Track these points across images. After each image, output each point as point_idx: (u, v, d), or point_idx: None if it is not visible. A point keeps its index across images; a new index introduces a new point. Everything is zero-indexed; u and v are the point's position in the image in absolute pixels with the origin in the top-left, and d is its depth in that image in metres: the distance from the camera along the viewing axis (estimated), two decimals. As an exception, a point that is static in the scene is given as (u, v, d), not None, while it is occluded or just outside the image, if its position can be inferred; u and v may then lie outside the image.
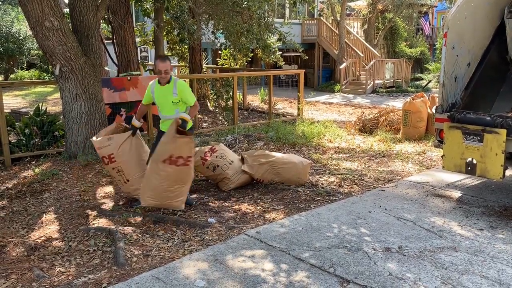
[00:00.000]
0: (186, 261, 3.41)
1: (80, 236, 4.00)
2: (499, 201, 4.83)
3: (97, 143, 4.63)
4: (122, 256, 3.51)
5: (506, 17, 5.48)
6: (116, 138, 4.61)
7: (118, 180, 4.77)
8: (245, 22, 9.89)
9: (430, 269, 3.27)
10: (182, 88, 4.50)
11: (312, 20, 21.65)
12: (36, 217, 4.50)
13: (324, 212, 4.44)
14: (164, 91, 4.50)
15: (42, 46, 6.11)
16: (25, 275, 3.30)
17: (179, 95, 4.47)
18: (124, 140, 4.62)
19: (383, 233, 3.93)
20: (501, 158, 4.23)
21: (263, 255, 3.50)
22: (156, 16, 10.03)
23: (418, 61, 24.63)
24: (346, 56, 19.82)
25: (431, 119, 8.04)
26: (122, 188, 4.91)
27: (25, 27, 21.37)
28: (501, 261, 3.42)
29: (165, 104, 4.53)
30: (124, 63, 10.34)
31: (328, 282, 3.08)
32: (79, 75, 6.29)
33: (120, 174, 4.67)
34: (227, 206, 4.71)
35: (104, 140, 4.61)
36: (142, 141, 4.85)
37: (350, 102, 15.44)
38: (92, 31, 6.53)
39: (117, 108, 7.46)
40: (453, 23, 4.82)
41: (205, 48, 16.07)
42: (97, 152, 4.77)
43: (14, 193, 5.15)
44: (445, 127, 4.62)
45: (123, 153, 4.61)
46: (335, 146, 7.71)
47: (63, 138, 6.99)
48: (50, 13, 5.85)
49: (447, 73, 4.89)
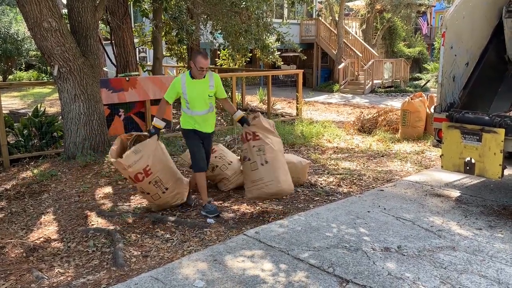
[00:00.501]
0: (185, 262, 3.40)
1: (79, 237, 3.99)
2: (497, 200, 4.84)
3: (124, 161, 4.10)
4: (121, 257, 3.51)
5: (504, 17, 5.49)
6: (145, 148, 4.19)
7: (153, 194, 4.36)
8: (243, 23, 9.90)
9: (429, 269, 3.27)
10: (218, 80, 4.41)
11: (310, 20, 21.66)
12: (35, 218, 4.50)
13: (323, 212, 4.44)
14: (200, 85, 4.31)
15: (41, 47, 6.11)
16: (24, 276, 3.30)
17: (216, 88, 4.37)
18: (155, 147, 4.30)
19: (382, 233, 3.94)
20: (500, 157, 4.24)
21: (262, 255, 3.50)
22: (155, 17, 10.03)
23: (417, 61, 24.67)
24: (345, 56, 19.83)
25: (430, 119, 8.04)
26: (156, 202, 4.47)
27: (24, 28, 21.33)
28: (500, 260, 3.42)
29: (200, 98, 4.32)
30: (123, 63, 10.34)
31: (327, 282, 3.09)
32: (78, 76, 6.29)
33: (158, 185, 4.32)
34: (226, 207, 4.70)
35: (131, 156, 4.12)
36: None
37: (348, 102, 15.45)
38: (91, 31, 6.53)
39: (115, 109, 7.46)
40: (451, 23, 4.83)
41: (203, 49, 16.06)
42: (124, 172, 4.25)
43: (13, 194, 5.14)
44: (443, 127, 4.63)
45: (158, 162, 4.30)
46: (334, 146, 7.71)
47: (62, 139, 6.98)
48: (48, 14, 5.84)
49: (445, 73, 4.89)
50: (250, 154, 4.38)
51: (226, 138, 7.73)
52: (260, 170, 4.33)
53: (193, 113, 4.38)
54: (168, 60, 16.35)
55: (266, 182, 4.31)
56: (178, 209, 4.62)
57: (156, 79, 8.05)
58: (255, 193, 4.40)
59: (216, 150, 5.30)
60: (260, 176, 4.31)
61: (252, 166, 4.38)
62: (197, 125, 4.42)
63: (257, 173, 4.33)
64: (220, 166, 5.15)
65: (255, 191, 4.38)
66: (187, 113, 4.42)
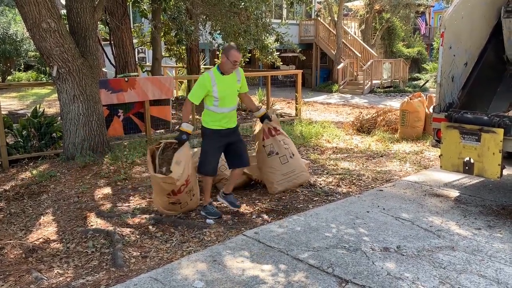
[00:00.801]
0: (185, 262, 3.40)
1: (78, 237, 3.99)
2: (496, 200, 4.84)
3: (175, 175, 3.99)
4: (121, 258, 3.51)
5: (503, 17, 5.50)
6: (184, 158, 4.10)
7: (183, 203, 4.30)
8: (242, 23, 9.90)
9: (428, 269, 3.27)
10: (242, 73, 4.33)
11: (309, 21, 21.68)
12: (34, 219, 4.49)
13: (322, 212, 4.44)
14: (229, 80, 4.21)
15: (39, 47, 6.10)
16: (23, 278, 3.29)
17: (242, 82, 4.30)
18: (190, 155, 4.25)
19: (381, 233, 3.94)
20: (499, 157, 4.24)
21: (261, 255, 3.50)
22: (154, 17, 10.04)
23: (416, 61, 24.69)
24: (344, 56, 19.85)
25: (429, 119, 8.05)
26: (182, 210, 4.39)
27: (22, 29, 21.32)
28: (499, 260, 3.42)
29: (231, 94, 4.24)
30: (122, 64, 10.35)
31: (326, 282, 3.09)
32: (77, 77, 6.28)
33: (190, 193, 4.29)
34: (225, 207, 4.70)
35: (176, 168, 4.02)
36: None
37: (348, 102, 15.46)
38: (90, 32, 6.52)
39: (114, 110, 7.45)
40: (450, 23, 4.83)
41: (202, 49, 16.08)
42: (168, 187, 4.08)
43: (12, 195, 5.14)
44: (442, 127, 4.63)
45: (193, 169, 4.27)
46: (333, 146, 7.72)
47: (61, 139, 6.98)
48: (47, 14, 5.84)
49: (444, 73, 4.90)
50: (278, 148, 4.53)
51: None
52: (290, 162, 4.57)
53: (222, 110, 4.23)
54: (167, 61, 16.35)
55: (297, 173, 4.63)
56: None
57: (155, 79, 8.04)
58: (285, 186, 4.61)
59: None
60: (292, 168, 4.58)
61: (282, 160, 4.56)
62: (224, 123, 4.27)
63: (288, 165, 4.55)
64: (219, 167, 5.14)
65: (286, 183, 4.59)
66: (215, 111, 4.23)
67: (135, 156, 6.61)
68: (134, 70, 10.47)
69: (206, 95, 4.19)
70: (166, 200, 4.27)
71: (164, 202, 4.30)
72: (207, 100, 4.25)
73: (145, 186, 5.36)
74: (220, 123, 4.28)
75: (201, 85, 4.16)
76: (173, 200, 4.26)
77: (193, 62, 12.84)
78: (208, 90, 4.15)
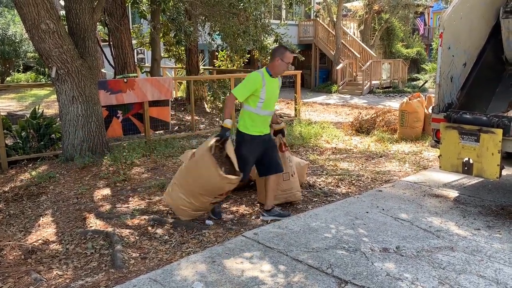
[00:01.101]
0: (184, 263, 3.40)
1: (77, 239, 3.99)
2: (496, 200, 4.85)
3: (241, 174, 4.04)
4: (120, 259, 3.51)
5: (502, 17, 5.51)
6: (233, 156, 4.05)
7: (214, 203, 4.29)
8: (241, 24, 9.90)
9: (428, 269, 3.27)
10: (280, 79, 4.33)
11: (308, 21, 21.69)
12: (33, 220, 4.49)
13: (321, 213, 4.44)
14: (275, 84, 4.17)
15: (38, 48, 6.10)
16: (22, 279, 3.29)
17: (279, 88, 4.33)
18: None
19: (380, 233, 3.94)
20: (498, 157, 4.24)
21: (261, 256, 3.49)
22: (153, 18, 10.03)
23: (415, 61, 24.71)
24: (343, 57, 19.85)
25: (428, 119, 8.06)
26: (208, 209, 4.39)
27: (21, 30, 21.32)
28: (498, 260, 3.43)
29: (273, 98, 4.18)
30: (121, 65, 10.35)
31: (326, 283, 3.09)
32: (76, 78, 6.28)
33: None
34: (224, 208, 4.70)
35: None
36: None
37: (347, 102, 15.46)
38: (89, 33, 6.52)
39: (113, 110, 7.45)
40: (449, 24, 4.84)
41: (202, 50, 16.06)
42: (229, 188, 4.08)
43: (11, 196, 5.13)
44: (441, 127, 4.64)
45: None
46: (332, 147, 7.72)
47: (60, 140, 6.97)
48: (46, 15, 5.84)
49: (443, 73, 4.90)
50: (284, 165, 4.51)
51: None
52: (290, 180, 4.67)
53: (264, 112, 4.14)
54: (166, 62, 16.35)
55: (293, 192, 4.70)
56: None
57: (154, 80, 8.04)
58: (280, 201, 4.66)
59: (215, 152, 5.29)
60: (290, 186, 4.67)
61: (285, 177, 4.63)
62: (264, 127, 4.19)
63: (288, 183, 4.65)
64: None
65: (283, 198, 4.68)
66: (257, 112, 4.10)
67: (134, 157, 6.61)
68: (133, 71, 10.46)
69: (252, 94, 4.06)
70: (209, 200, 4.14)
71: (205, 202, 4.15)
72: (251, 100, 4.10)
73: (144, 187, 5.36)
74: (260, 128, 4.17)
75: (252, 83, 4.02)
76: (219, 199, 4.20)
77: (192, 62, 12.83)
78: (256, 89, 4.02)
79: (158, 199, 4.96)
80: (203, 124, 10.25)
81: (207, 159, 3.99)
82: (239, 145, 4.22)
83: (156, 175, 5.92)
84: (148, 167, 6.30)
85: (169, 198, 4.28)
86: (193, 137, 8.49)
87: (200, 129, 9.37)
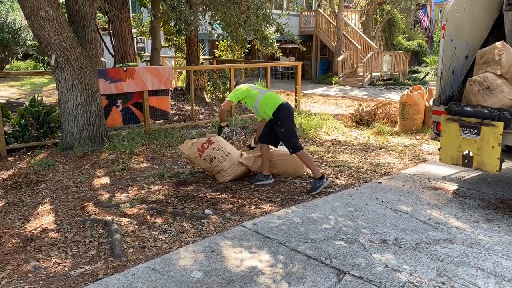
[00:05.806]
0: (183, 253, 3.41)
1: (76, 227, 3.99)
2: (495, 193, 4.85)
3: None
4: (119, 247, 3.51)
5: (505, 9, 5.46)
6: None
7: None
8: (242, 13, 9.83)
9: (426, 261, 3.28)
10: None
11: (310, 12, 21.55)
12: (32, 208, 4.48)
13: (320, 204, 4.44)
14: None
15: (38, 36, 6.05)
16: (21, 266, 3.29)
17: None
18: None
19: (379, 225, 3.94)
20: (498, 151, 4.24)
21: (259, 246, 3.50)
22: (153, 7, 9.96)
23: (416, 53, 24.63)
24: (344, 48, 19.76)
25: (428, 112, 8.04)
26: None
27: (21, 17, 21.16)
28: (496, 253, 3.43)
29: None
30: (121, 53, 10.30)
31: (324, 273, 3.09)
32: (75, 66, 6.24)
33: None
34: (224, 198, 4.70)
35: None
36: None
37: (347, 94, 15.42)
38: (88, 21, 6.47)
39: (113, 99, 7.42)
40: (452, 16, 4.80)
41: (202, 39, 15.99)
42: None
43: (10, 184, 5.12)
44: (442, 120, 4.62)
45: None
46: (332, 139, 7.71)
47: (59, 129, 6.95)
48: (45, 2, 5.78)
49: (445, 66, 4.87)
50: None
51: (224, 129, 7.70)
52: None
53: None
54: (166, 51, 16.26)
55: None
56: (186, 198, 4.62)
57: (154, 69, 8.00)
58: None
59: (214, 142, 5.29)
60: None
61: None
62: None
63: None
64: (218, 158, 5.14)
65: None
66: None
67: (133, 146, 6.59)
68: (133, 60, 10.42)
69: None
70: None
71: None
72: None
73: (143, 177, 5.36)
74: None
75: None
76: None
77: (192, 52, 12.77)
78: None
79: (157, 188, 4.96)
80: (202, 114, 10.22)
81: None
82: (282, 123, 4.99)
83: (155, 165, 5.92)
84: (148, 157, 6.29)
85: None
86: (192, 127, 8.47)
87: (199, 119, 9.35)
